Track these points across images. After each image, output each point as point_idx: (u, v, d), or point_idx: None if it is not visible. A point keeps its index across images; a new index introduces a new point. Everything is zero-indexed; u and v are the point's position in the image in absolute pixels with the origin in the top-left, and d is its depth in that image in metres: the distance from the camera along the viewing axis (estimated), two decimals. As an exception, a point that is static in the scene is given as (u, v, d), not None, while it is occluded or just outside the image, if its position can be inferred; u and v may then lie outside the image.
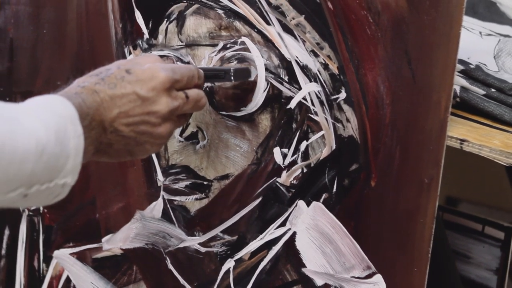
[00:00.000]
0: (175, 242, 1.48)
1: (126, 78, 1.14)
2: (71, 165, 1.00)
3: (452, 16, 1.23)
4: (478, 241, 1.80)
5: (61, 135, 0.98)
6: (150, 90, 1.14)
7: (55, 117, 0.99)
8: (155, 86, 1.15)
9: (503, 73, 1.44)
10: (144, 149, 1.19)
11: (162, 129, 1.17)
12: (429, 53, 1.25)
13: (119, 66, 1.16)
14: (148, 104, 1.14)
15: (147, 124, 1.15)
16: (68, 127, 1.00)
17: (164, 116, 1.16)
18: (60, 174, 0.98)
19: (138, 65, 1.17)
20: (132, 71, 1.15)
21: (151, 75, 1.15)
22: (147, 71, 1.15)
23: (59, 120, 0.99)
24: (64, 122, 1.00)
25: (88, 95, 1.09)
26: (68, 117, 1.01)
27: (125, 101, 1.12)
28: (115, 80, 1.13)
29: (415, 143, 1.27)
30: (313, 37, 1.34)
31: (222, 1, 1.40)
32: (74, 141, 1.00)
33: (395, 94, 1.28)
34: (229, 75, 1.31)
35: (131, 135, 1.14)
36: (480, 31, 1.57)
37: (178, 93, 1.19)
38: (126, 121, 1.13)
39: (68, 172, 0.99)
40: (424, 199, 1.27)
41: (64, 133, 0.99)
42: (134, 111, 1.13)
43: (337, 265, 1.35)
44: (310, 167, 1.37)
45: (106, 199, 1.54)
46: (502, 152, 1.27)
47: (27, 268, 1.62)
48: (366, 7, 1.29)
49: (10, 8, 1.58)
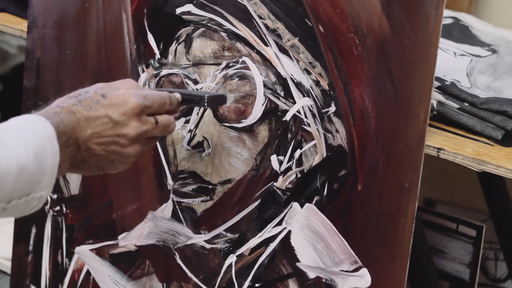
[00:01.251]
0: (183, 240, 1.48)
1: (101, 102, 1.14)
2: (47, 180, 1.00)
3: (429, 38, 1.24)
4: (452, 238, 1.79)
5: (40, 154, 0.98)
6: (122, 115, 1.14)
7: (35, 138, 0.99)
8: (126, 111, 1.15)
9: (475, 89, 1.44)
10: (114, 166, 1.19)
11: (130, 150, 1.17)
12: (409, 71, 1.26)
13: (96, 90, 1.16)
14: (119, 127, 1.14)
15: (117, 145, 1.15)
16: (47, 146, 1.00)
17: (133, 139, 1.16)
18: (36, 188, 0.98)
19: (113, 90, 1.17)
20: (107, 95, 1.15)
21: (123, 101, 1.15)
22: (120, 96, 1.16)
23: (39, 140, 0.99)
24: (43, 141, 1.00)
25: (66, 115, 1.09)
26: (47, 136, 1.01)
27: (98, 123, 1.13)
28: (91, 103, 1.13)
29: (397, 151, 1.27)
30: (306, 57, 1.35)
31: (225, 25, 1.41)
32: (51, 158, 1.00)
33: (379, 108, 1.28)
34: (203, 101, 1.30)
35: (102, 153, 1.14)
36: (454, 52, 1.57)
37: (148, 118, 1.19)
38: (98, 140, 1.13)
39: (44, 186, 0.99)
40: (405, 201, 1.27)
41: (43, 151, 0.99)
42: (106, 133, 1.13)
43: (328, 260, 1.35)
44: (303, 173, 1.37)
45: (122, 201, 1.54)
46: (474, 159, 1.27)
47: (51, 263, 1.62)
48: (353, 30, 1.30)
49: (37, 31, 1.58)
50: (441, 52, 1.48)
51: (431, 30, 1.23)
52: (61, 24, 1.56)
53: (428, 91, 1.24)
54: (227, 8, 1.40)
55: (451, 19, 1.73)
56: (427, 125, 1.25)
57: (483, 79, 1.48)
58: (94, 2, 1.52)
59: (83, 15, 1.53)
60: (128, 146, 1.17)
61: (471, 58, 1.55)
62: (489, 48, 1.63)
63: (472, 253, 1.77)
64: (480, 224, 1.77)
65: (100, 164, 1.17)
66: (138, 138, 1.18)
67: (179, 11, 1.44)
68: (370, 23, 1.28)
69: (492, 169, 1.26)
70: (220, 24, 1.41)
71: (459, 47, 1.60)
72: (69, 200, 1.59)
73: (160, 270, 1.52)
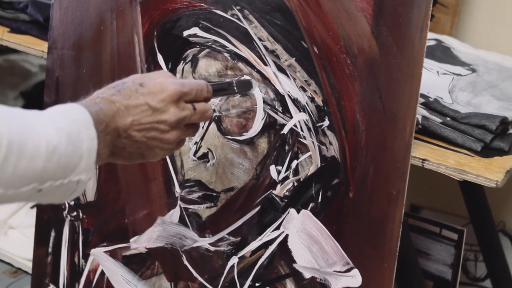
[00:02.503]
0: (189, 243, 1.48)
1: (140, 91, 1.09)
2: (85, 165, 0.96)
3: (415, 58, 1.24)
4: (436, 241, 1.79)
5: (74, 138, 0.94)
6: (160, 101, 1.10)
7: (68, 122, 0.95)
8: (164, 98, 1.10)
9: (456, 105, 1.44)
10: (154, 153, 1.13)
11: (170, 136, 1.12)
12: (396, 88, 1.25)
13: (134, 80, 1.12)
14: (158, 114, 1.10)
15: (157, 131, 1.10)
16: (82, 131, 0.96)
17: (172, 124, 1.12)
18: (73, 172, 0.94)
19: (150, 79, 1.12)
20: (144, 84, 1.11)
21: (162, 88, 1.11)
22: (158, 84, 1.11)
23: (73, 125, 0.95)
24: (78, 126, 0.96)
25: (106, 104, 1.05)
26: (83, 122, 0.97)
27: (138, 111, 1.08)
28: (129, 92, 1.09)
29: (385, 162, 1.27)
30: (302, 76, 1.34)
31: (228, 46, 1.41)
32: (87, 144, 0.96)
33: (369, 122, 1.28)
34: (232, 87, 1.26)
35: (142, 140, 1.10)
36: (437, 71, 1.57)
37: (186, 105, 1.14)
38: (138, 127, 1.09)
39: (82, 170, 0.95)
40: (393, 208, 1.27)
41: (77, 136, 0.95)
42: (146, 120, 1.09)
43: (322, 261, 1.35)
44: (299, 181, 1.37)
45: (133, 207, 1.53)
46: (456, 169, 1.27)
47: (69, 263, 1.62)
48: (345, 51, 1.29)
49: (56, 52, 1.58)
50: (425, 71, 1.48)
51: (416, 51, 1.23)
52: (78, 46, 1.56)
53: (414, 107, 1.24)
54: (230, 31, 1.40)
55: (434, 41, 1.73)
56: (413, 138, 1.25)
57: (464, 96, 1.48)
58: (109, 25, 1.52)
59: (99, 37, 1.53)
60: (167, 132, 1.12)
61: (453, 77, 1.55)
62: (469, 68, 1.62)
63: (454, 255, 1.76)
64: (461, 228, 1.77)
65: (141, 151, 1.12)
66: (177, 124, 1.13)
67: (186, 33, 1.44)
68: (360, 44, 1.28)
69: (472, 178, 1.25)
70: (223, 46, 1.41)
71: (442, 66, 1.60)
72: (85, 206, 1.58)
73: (168, 271, 1.51)
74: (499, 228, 2.01)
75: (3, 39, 1.77)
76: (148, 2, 1.48)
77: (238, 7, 1.39)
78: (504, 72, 1.64)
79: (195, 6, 1.43)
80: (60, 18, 1.57)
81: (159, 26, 1.47)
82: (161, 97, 1.10)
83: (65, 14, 1.57)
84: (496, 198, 1.95)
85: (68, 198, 0.98)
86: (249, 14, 1.38)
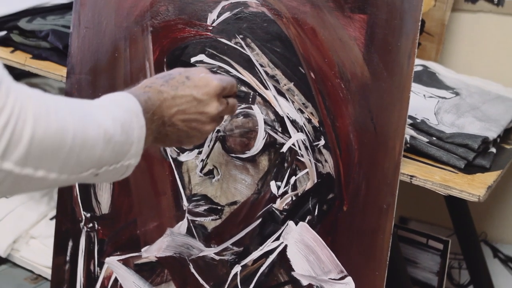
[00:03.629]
0: (196, 252, 1.47)
1: (186, 83, 1.09)
2: (134, 151, 0.95)
3: (403, 83, 1.24)
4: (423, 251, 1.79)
5: (127, 126, 0.94)
6: (205, 94, 1.10)
7: (122, 112, 0.94)
8: (208, 92, 1.10)
9: (441, 125, 1.44)
10: (191, 141, 1.13)
11: (208, 127, 1.12)
12: (386, 111, 1.25)
13: (180, 73, 1.11)
14: (202, 106, 1.10)
15: (198, 122, 1.10)
16: (133, 120, 0.96)
17: (212, 117, 1.12)
18: (125, 157, 0.94)
19: (194, 73, 1.12)
20: (191, 77, 1.10)
21: (206, 83, 1.10)
22: (202, 79, 1.11)
23: (126, 114, 0.95)
24: (130, 115, 0.95)
25: (154, 93, 1.05)
26: (134, 111, 0.97)
27: (183, 101, 1.08)
28: (177, 83, 1.09)
29: (376, 178, 1.27)
30: (300, 99, 1.34)
31: (232, 72, 1.40)
32: (138, 132, 0.96)
33: (361, 141, 1.28)
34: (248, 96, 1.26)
35: (184, 129, 1.09)
36: (424, 94, 1.58)
37: (223, 99, 1.14)
38: (182, 117, 1.08)
39: (132, 156, 0.95)
40: (383, 220, 1.27)
41: (129, 125, 0.94)
42: (190, 110, 1.09)
43: (318, 270, 1.34)
44: (297, 196, 1.36)
45: (145, 219, 1.53)
46: (441, 185, 1.27)
47: (85, 271, 1.61)
48: (339, 76, 1.29)
49: (74, 76, 1.58)
50: (413, 94, 1.48)
51: (404, 76, 1.23)
52: (94, 71, 1.56)
53: (402, 127, 1.24)
54: (234, 58, 1.40)
55: (421, 67, 1.73)
56: (402, 156, 1.25)
57: (448, 117, 1.48)
58: (122, 52, 1.52)
59: (113, 63, 1.54)
60: (207, 123, 1.12)
61: (438, 100, 1.55)
62: (453, 91, 1.63)
63: (440, 263, 1.76)
64: (446, 238, 1.76)
65: (180, 139, 1.11)
66: (216, 117, 1.13)
67: (193, 60, 1.44)
68: (353, 70, 1.28)
69: (456, 193, 1.25)
70: (227, 71, 1.41)
71: (428, 90, 1.61)
72: (100, 218, 1.58)
73: (176, 278, 1.50)
74: (481, 238, 2.01)
75: (26, 64, 1.78)
76: (159, 31, 1.48)
77: (241, 36, 1.39)
78: (484, 95, 1.65)
79: (201, 35, 1.43)
80: (78, 45, 1.58)
81: (169, 53, 1.47)
82: (205, 91, 1.10)
83: (82, 42, 1.57)
84: (478, 211, 1.95)
85: (118, 178, 0.97)
86: (251, 42, 1.38)
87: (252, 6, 1.38)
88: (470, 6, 1.86)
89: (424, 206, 2.04)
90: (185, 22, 1.45)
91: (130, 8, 1.52)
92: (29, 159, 0.75)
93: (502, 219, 1.99)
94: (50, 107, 0.79)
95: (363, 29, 1.27)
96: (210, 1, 1.42)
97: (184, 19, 1.45)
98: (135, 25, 1.51)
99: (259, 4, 1.37)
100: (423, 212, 2.06)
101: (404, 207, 2.04)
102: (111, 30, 1.53)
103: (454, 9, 1.87)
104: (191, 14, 1.44)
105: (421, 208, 2.05)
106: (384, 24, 1.25)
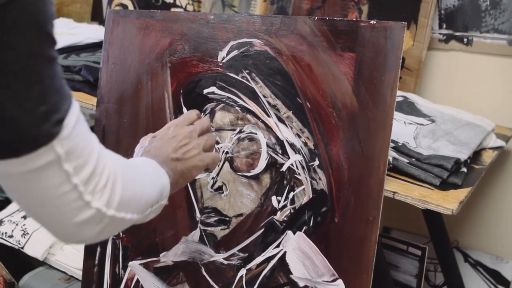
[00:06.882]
0: (207, 257, 1.46)
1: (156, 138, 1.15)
2: (165, 194, 1.02)
3: (386, 112, 1.23)
4: (404, 256, 1.78)
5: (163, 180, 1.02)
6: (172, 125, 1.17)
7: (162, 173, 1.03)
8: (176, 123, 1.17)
9: (419, 148, 1.43)
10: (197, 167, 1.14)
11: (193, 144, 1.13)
12: (372, 135, 1.25)
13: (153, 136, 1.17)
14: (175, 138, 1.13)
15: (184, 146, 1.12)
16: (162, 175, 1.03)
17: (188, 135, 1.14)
18: (163, 200, 1.00)
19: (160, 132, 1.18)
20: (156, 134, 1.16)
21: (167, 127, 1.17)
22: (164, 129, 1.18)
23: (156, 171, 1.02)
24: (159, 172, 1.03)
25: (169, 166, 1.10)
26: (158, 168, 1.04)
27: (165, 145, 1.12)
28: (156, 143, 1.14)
29: (364, 194, 1.26)
30: (297, 125, 1.34)
31: (239, 102, 1.41)
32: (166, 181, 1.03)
33: (350, 162, 1.27)
34: None
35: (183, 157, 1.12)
36: (404, 121, 1.57)
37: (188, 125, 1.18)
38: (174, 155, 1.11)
39: (164, 198, 1.01)
40: (369, 230, 1.26)
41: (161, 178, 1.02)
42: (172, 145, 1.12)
43: (313, 273, 1.33)
44: (295, 209, 1.36)
45: (163, 228, 1.52)
46: (419, 200, 1.26)
47: (111, 273, 1.60)
48: (331, 106, 1.29)
49: (103, 105, 1.59)
50: (395, 121, 1.48)
51: (388, 105, 1.23)
52: (120, 100, 1.56)
53: (386, 150, 1.23)
54: (240, 90, 1.40)
55: (402, 97, 1.73)
56: (385, 175, 1.24)
57: (425, 141, 1.48)
58: (145, 84, 1.52)
59: (137, 94, 1.54)
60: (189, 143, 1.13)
61: (416, 126, 1.55)
62: (429, 119, 1.62)
63: (418, 267, 1.75)
64: (423, 246, 1.76)
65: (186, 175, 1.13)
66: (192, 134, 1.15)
67: (205, 91, 1.44)
68: (343, 101, 1.28)
69: (432, 207, 1.24)
70: (235, 101, 1.41)
71: (408, 118, 1.60)
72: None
73: (190, 280, 1.49)
74: (454, 245, 1.99)
75: (62, 95, 1.78)
76: (176, 66, 1.48)
77: (247, 71, 1.39)
78: (456, 122, 1.64)
79: (213, 70, 1.43)
80: (106, 79, 1.58)
81: (185, 85, 1.48)
82: (172, 124, 1.17)
83: (110, 76, 1.58)
84: (451, 222, 1.94)
85: (155, 214, 1.02)
86: (255, 76, 1.38)
87: (256, 45, 1.38)
88: (444, 46, 1.87)
89: (404, 218, 2.03)
90: (199, 59, 1.46)
91: (151, 47, 1.52)
92: (122, 207, 0.85)
93: (472, 228, 1.98)
94: (129, 170, 0.89)
95: (352, 66, 1.27)
96: (220, 40, 1.42)
97: (198, 56, 1.46)
98: (156, 61, 1.51)
99: (263, 44, 1.37)
100: (404, 222, 2.05)
101: (388, 219, 2.03)
102: (135, 65, 1.54)
103: (430, 48, 1.88)
104: (204, 52, 1.45)
105: (402, 219, 2.04)
106: (370, 61, 1.25)
